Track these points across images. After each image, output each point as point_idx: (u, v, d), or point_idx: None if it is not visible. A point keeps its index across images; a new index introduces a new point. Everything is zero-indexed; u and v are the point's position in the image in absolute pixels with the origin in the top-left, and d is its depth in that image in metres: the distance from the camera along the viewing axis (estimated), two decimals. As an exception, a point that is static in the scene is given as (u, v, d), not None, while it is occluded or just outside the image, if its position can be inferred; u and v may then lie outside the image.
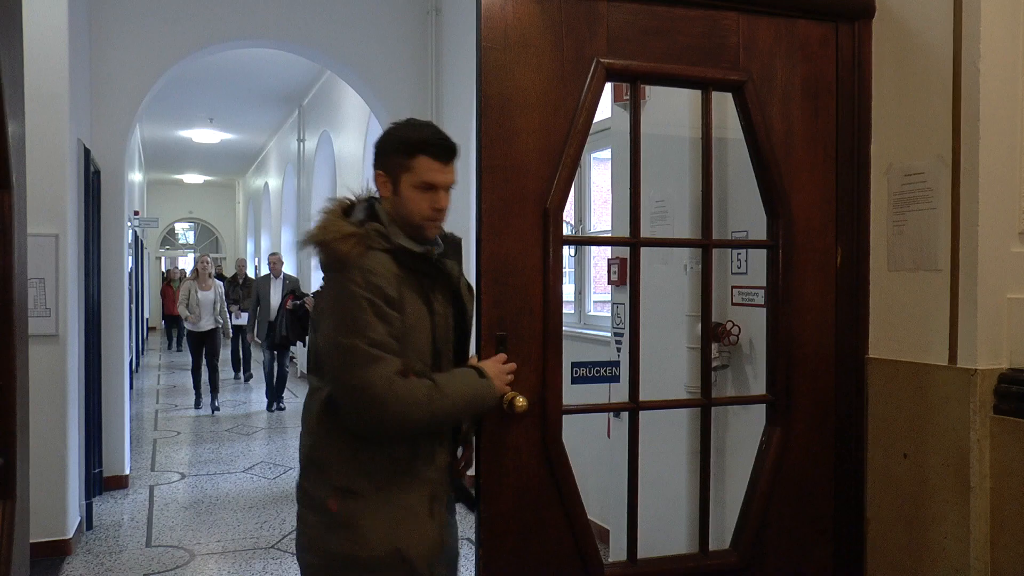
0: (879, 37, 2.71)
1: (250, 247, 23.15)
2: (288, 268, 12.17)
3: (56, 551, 4.90)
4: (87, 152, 5.62)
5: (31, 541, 2.16)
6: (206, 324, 10.40)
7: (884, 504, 2.66)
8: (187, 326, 10.60)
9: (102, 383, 6.13)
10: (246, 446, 8.40)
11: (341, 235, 2.12)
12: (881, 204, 2.69)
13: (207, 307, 10.37)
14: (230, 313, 11.40)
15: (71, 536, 5.01)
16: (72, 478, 5.05)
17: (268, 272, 10.53)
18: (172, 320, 18.70)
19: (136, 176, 13.00)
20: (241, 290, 12.70)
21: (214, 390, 10.65)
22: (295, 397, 11.38)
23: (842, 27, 2.72)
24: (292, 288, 10.12)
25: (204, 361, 10.58)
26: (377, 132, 8.79)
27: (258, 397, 11.68)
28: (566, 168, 2.41)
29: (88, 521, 5.56)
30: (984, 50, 2.37)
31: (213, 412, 10.33)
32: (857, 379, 2.73)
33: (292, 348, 10.60)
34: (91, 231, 5.78)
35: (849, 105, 2.72)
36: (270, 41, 7.10)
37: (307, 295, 10.03)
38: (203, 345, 10.53)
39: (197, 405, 10.66)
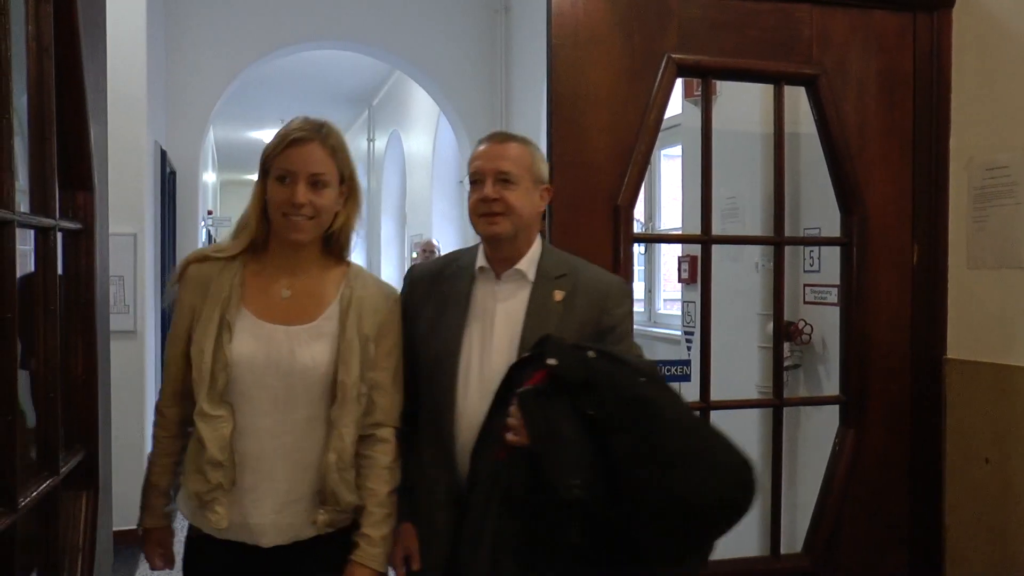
0: (959, 27, 2.63)
1: (320, 246, 23.51)
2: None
3: (136, 540, 5.01)
4: (163, 154, 5.78)
5: (113, 530, 2.23)
6: (264, 527, 1.77)
7: (964, 511, 2.58)
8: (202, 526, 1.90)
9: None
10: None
11: None
12: (960, 199, 2.61)
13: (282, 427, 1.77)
14: None
15: (149, 526, 5.13)
16: (150, 470, 5.17)
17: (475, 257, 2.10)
18: None
19: (210, 176, 13.29)
20: None
21: None
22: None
23: (920, 17, 2.64)
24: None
25: None
26: (447, 131, 8.89)
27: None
28: (636, 165, 2.39)
29: (165, 512, 5.69)
30: (1073, 39, 2.28)
31: None
32: (935, 380, 2.65)
33: None
34: (167, 230, 5.94)
35: (927, 97, 2.65)
36: (340, 42, 7.20)
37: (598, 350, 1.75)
38: None
39: None
